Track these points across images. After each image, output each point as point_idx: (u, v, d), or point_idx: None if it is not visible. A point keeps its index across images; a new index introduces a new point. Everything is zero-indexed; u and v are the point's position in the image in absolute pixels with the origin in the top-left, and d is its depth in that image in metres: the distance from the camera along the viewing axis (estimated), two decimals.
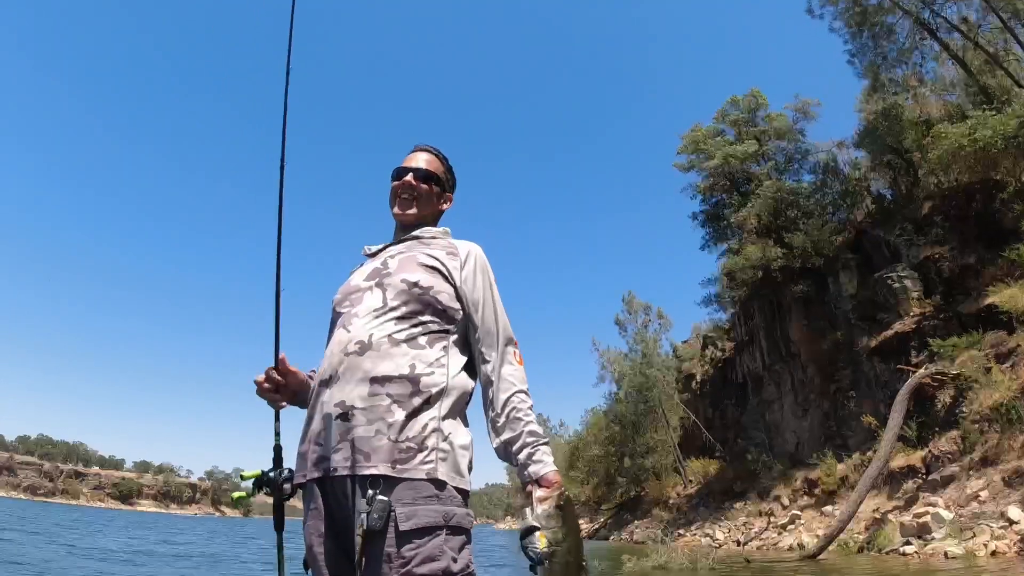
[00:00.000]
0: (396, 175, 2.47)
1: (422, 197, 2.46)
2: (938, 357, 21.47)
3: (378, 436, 1.91)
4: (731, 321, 40.43)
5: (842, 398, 27.77)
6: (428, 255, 2.27)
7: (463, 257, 2.32)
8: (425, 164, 2.49)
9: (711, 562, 16.57)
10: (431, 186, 2.48)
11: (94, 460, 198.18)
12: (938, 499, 17.85)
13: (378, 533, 1.80)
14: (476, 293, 2.28)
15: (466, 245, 2.39)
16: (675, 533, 31.49)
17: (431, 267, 2.23)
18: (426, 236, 2.43)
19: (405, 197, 2.44)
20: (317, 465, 1.98)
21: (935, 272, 24.70)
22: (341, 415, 1.97)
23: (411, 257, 2.27)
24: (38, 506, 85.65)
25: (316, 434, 2.01)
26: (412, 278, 2.17)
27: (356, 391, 1.96)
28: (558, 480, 2.02)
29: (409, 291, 2.15)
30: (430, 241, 2.40)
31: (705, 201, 37.72)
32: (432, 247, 2.34)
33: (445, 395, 2.03)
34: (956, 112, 26.80)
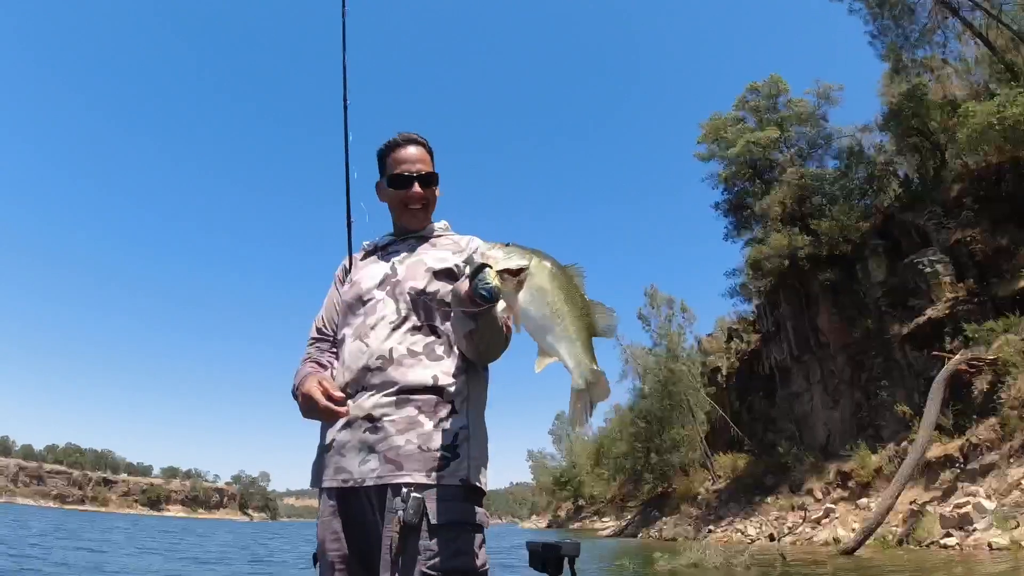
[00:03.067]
0: (398, 183, 2.39)
1: (429, 203, 2.45)
2: (973, 343, 21.08)
3: (409, 445, 2.00)
4: (756, 312, 39.91)
5: (874, 387, 27.23)
6: (436, 257, 2.32)
7: (465, 249, 2.39)
8: (423, 164, 2.42)
9: (746, 558, 16.15)
10: (433, 188, 2.45)
11: (122, 467, 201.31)
12: (978, 488, 17.52)
13: (413, 527, 1.88)
14: None
15: (467, 240, 2.45)
16: (705, 529, 31.12)
17: (441, 271, 2.27)
18: (429, 235, 2.45)
19: (416, 208, 2.41)
20: (339, 474, 2.06)
21: (967, 255, 24.16)
22: (369, 427, 2.04)
23: (419, 262, 2.31)
24: (71, 515, 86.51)
25: (341, 444, 2.08)
26: (420, 285, 2.23)
27: (382, 402, 2.05)
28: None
29: (420, 300, 2.22)
30: (435, 240, 2.44)
31: (727, 190, 37.18)
32: (438, 246, 2.40)
33: (469, 403, 2.13)
34: (982, 91, 26.27)
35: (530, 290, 1.74)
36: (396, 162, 2.39)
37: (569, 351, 1.73)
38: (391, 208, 2.47)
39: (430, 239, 2.44)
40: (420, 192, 2.38)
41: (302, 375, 2.21)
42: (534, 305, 1.74)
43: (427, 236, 2.44)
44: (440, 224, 2.51)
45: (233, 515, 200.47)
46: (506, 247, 1.79)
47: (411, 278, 2.24)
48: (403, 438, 2.00)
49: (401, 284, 2.24)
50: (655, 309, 50.24)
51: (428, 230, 2.46)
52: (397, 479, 1.96)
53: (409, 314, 2.20)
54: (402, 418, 2.02)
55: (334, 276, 2.56)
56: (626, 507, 55.80)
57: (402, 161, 2.38)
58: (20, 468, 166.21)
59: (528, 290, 1.74)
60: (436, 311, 2.23)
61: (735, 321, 46.20)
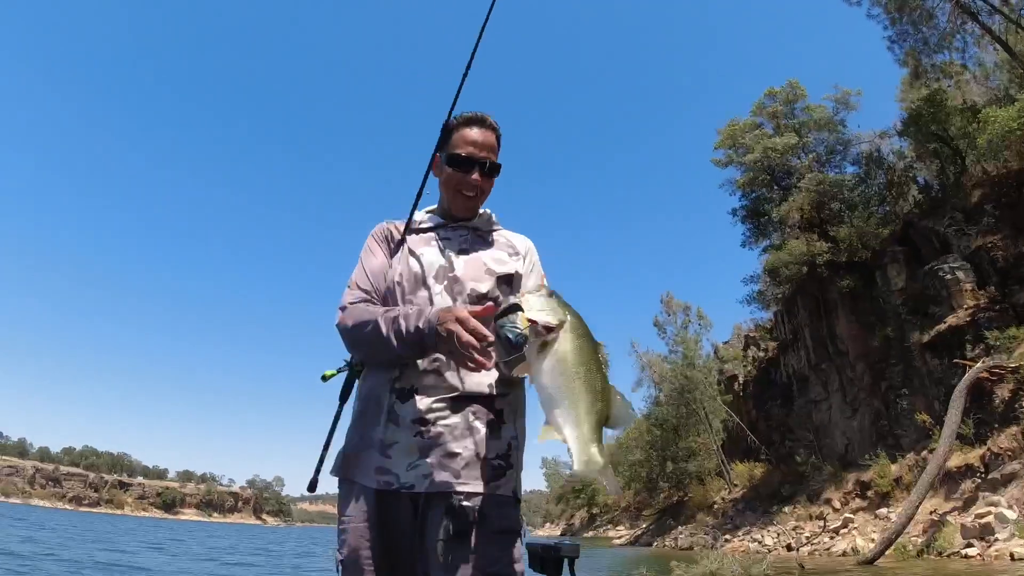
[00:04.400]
0: (459, 163, 2.23)
1: (484, 193, 2.30)
2: (995, 350, 20.91)
3: (466, 452, 1.95)
4: (774, 319, 39.73)
5: (893, 396, 26.97)
6: (495, 258, 2.24)
7: (523, 254, 2.33)
8: (490, 152, 2.25)
9: (765, 568, 15.96)
10: (492, 180, 2.30)
11: (138, 470, 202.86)
12: (1000, 498, 17.34)
13: (465, 535, 1.84)
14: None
15: (522, 242, 2.38)
16: (722, 538, 30.89)
17: (502, 276, 2.21)
18: (483, 227, 2.34)
19: (470, 196, 2.26)
20: (382, 475, 1.96)
21: (988, 262, 23.91)
22: (422, 430, 1.96)
23: (478, 261, 2.22)
24: (88, 517, 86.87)
25: (385, 443, 1.98)
26: (483, 289, 2.15)
27: (437, 406, 1.98)
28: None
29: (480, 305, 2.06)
30: (488, 235, 2.34)
31: (745, 196, 37.01)
32: (494, 244, 2.31)
33: (516, 412, 2.09)
34: (1002, 97, 26.10)
35: (552, 357, 1.65)
36: (463, 141, 2.23)
37: (573, 435, 1.62)
38: (442, 187, 2.31)
39: (483, 233, 2.32)
40: (479, 180, 2.23)
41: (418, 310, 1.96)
42: (551, 375, 1.64)
43: (480, 228, 2.32)
44: (486, 214, 2.37)
45: (247, 519, 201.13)
46: (548, 297, 1.70)
47: (473, 278, 2.15)
48: (460, 445, 1.95)
49: (461, 283, 2.14)
50: (671, 316, 50.06)
51: (479, 221, 2.33)
52: (454, 487, 1.91)
53: None
54: (458, 424, 1.97)
55: (375, 236, 2.33)
56: (641, 515, 55.53)
57: (470, 142, 2.22)
58: (36, 470, 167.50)
59: (550, 356, 1.65)
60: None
61: (752, 328, 45.99)
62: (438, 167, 2.30)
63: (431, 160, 2.32)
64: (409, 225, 2.30)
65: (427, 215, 2.36)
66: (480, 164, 2.21)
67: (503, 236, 2.36)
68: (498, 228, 2.38)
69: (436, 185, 2.36)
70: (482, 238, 2.31)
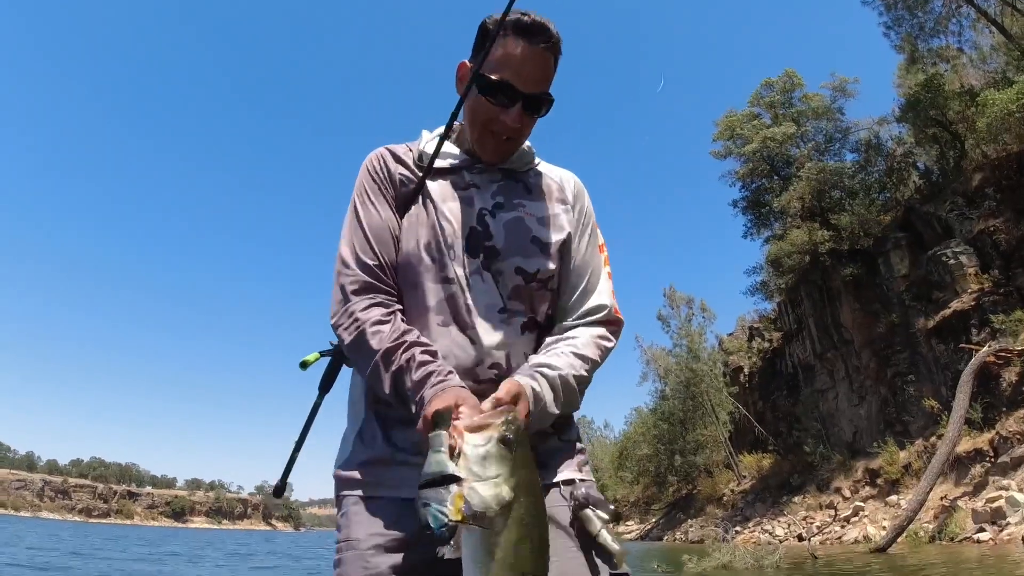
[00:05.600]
0: (495, 91, 1.60)
1: (522, 137, 1.71)
2: (1001, 334, 20.86)
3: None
4: (777, 310, 39.69)
5: (900, 383, 26.93)
6: (542, 217, 1.70)
7: (572, 201, 1.78)
8: (541, 83, 1.63)
9: (777, 559, 15.94)
10: (536, 118, 1.70)
11: (146, 480, 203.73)
12: (1010, 482, 17.33)
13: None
14: (585, 258, 1.75)
15: (570, 181, 1.83)
16: (732, 531, 30.88)
17: (549, 244, 1.67)
18: (520, 168, 1.76)
19: (507, 140, 1.67)
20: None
21: (991, 245, 23.86)
22: None
23: (519, 223, 1.67)
24: (99, 528, 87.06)
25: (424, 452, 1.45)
26: (531, 267, 1.63)
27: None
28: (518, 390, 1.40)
29: (528, 288, 1.63)
30: (529, 180, 1.76)
31: (745, 187, 37.14)
32: (535, 191, 1.74)
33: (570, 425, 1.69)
34: (999, 80, 26.04)
35: (487, 557, 1.12)
36: (506, 60, 1.59)
37: None
38: (467, 116, 1.69)
39: (521, 174, 1.76)
40: (518, 120, 1.62)
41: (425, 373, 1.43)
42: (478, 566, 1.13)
43: (517, 170, 1.76)
44: (526, 148, 1.78)
45: (257, 525, 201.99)
46: (498, 455, 1.15)
47: (515, 252, 1.63)
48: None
49: (503, 260, 1.61)
50: (674, 309, 50.15)
51: (516, 160, 1.75)
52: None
53: (517, 307, 1.62)
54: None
55: (373, 173, 1.71)
56: (650, 510, 55.45)
57: (515, 64, 1.59)
58: (45, 483, 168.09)
59: (484, 556, 1.12)
60: (544, 301, 1.67)
61: (756, 319, 45.95)
62: (466, 84, 1.67)
63: (459, 72, 1.73)
64: (432, 162, 1.69)
65: (445, 146, 1.74)
66: (525, 98, 1.61)
67: (545, 176, 1.80)
68: (537, 163, 1.82)
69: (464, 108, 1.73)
70: (521, 182, 1.75)
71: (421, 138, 1.77)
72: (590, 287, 1.71)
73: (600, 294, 1.71)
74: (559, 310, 1.71)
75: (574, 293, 1.69)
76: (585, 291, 1.71)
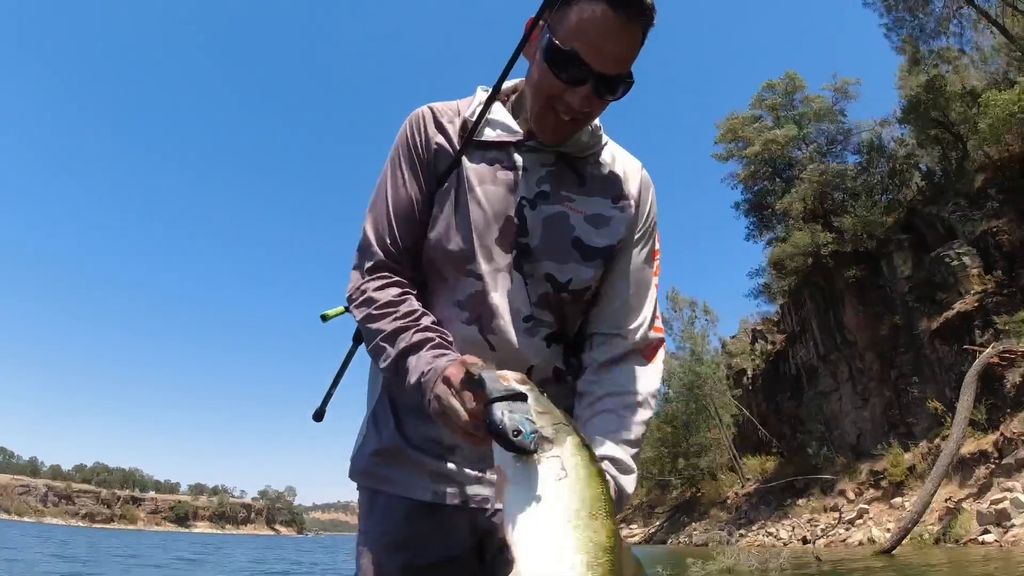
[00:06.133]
0: (565, 64, 1.33)
1: (591, 118, 1.46)
2: (1004, 335, 20.85)
3: None
4: (780, 312, 39.76)
5: (904, 384, 26.91)
6: (591, 216, 1.48)
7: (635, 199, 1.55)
8: (622, 63, 1.35)
9: (782, 562, 15.91)
10: (610, 101, 1.42)
11: (150, 485, 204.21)
12: (1015, 483, 17.32)
13: None
14: (637, 268, 1.55)
15: (636, 175, 1.58)
16: (737, 534, 30.82)
17: (594, 248, 1.47)
18: (578, 152, 1.52)
19: (568, 120, 1.41)
20: (442, 484, 1.43)
21: (994, 246, 23.84)
22: None
23: (563, 220, 1.46)
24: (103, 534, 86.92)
25: (444, 445, 1.44)
26: (563, 275, 1.45)
27: None
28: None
29: (557, 298, 1.47)
30: (585, 169, 1.52)
31: (747, 190, 37.10)
32: (591, 185, 1.51)
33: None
34: (1001, 80, 26.05)
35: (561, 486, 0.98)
36: (582, 28, 1.30)
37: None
38: (529, 86, 1.45)
39: (579, 162, 1.52)
40: (586, 103, 1.36)
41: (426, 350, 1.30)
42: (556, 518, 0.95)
43: (573, 154, 1.51)
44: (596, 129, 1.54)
45: (261, 530, 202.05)
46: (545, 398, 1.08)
47: (549, 253, 1.44)
48: None
49: (535, 257, 1.44)
50: (677, 312, 50.17)
51: (575, 144, 1.50)
52: None
53: (545, 316, 1.47)
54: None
55: (410, 139, 1.53)
56: (654, 513, 55.31)
57: (593, 34, 1.29)
58: (49, 488, 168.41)
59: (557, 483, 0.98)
60: (569, 312, 1.51)
61: (759, 322, 45.95)
62: (534, 57, 1.42)
63: (527, 32, 1.43)
64: (475, 131, 1.48)
65: (496, 113, 1.52)
66: (598, 79, 1.33)
67: (606, 165, 1.56)
68: (602, 147, 1.57)
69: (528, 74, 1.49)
70: (575, 170, 1.51)
71: (474, 98, 1.54)
72: (636, 304, 1.53)
73: (644, 312, 1.54)
74: (592, 317, 1.53)
75: (614, 308, 1.51)
76: (632, 308, 1.52)
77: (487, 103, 1.49)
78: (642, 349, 1.52)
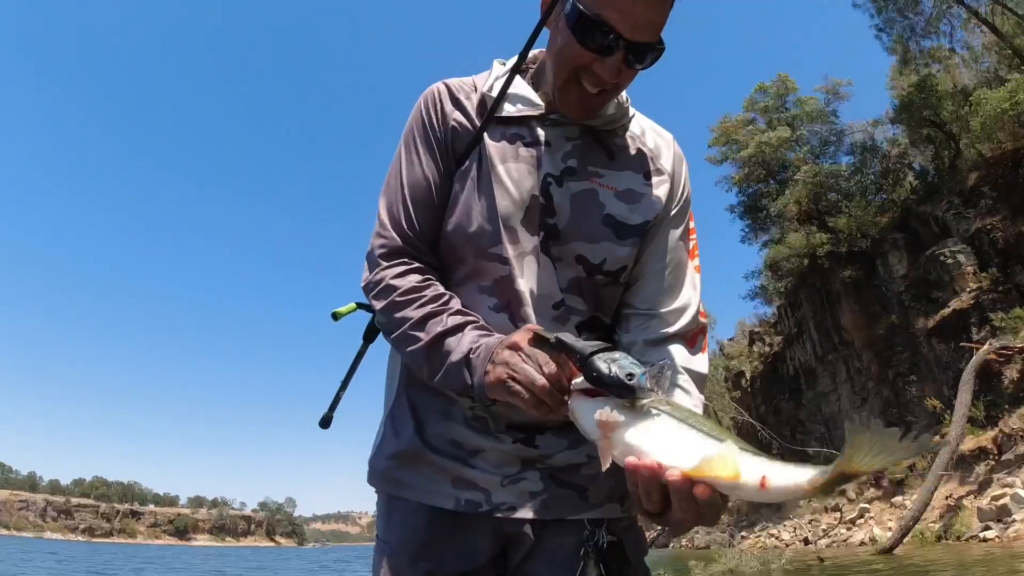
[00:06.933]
0: (592, 33, 1.24)
1: (619, 89, 1.37)
2: (1001, 332, 20.87)
3: (592, 462, 1.32)
4: (777, 314, 39.78)
5: (902, 383, 26.98)
6: (624, 192, 1.40)
7: (669, 172, 1.48)
8: (653, 27, 1.25)
9: (784, 563, 15.92)
10: (638, 71, 1.33)
11: (149, 498, 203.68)
12: (1014, 479, 17.32)
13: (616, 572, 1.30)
14: (673, 246, 1.46)
15: (668, 148, 1.51)
16: (738, 536, 30.79)
17: (628, 225, 1.39)
18: (605, 125, 1.43)
19: (595, 93, 1.32)
20: (465, 491, 1.35)
21: (988, 244, 23.92)
22: (522, 437, 1.35)
23: (591, 198, 1.38)
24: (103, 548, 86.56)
25: (468, 448, 1.37)
26: (596, 256, 1.37)
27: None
28: None
29: (591, 281, 1.39)
30: (614, 142, 1.45)
31: (741, 192, 37.12)
32: (621, 159, 1.43)
33: None
34: (992, 79, 26.16)
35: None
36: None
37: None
38: (551, 58, 1.36)
39: (606, 135, 1.44)
40: (616, 73, 1.27)
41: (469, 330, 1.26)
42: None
43: (599, 128, 1.42)
44: (622, 101, 1.46)
45: (261, 542, 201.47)
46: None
47: (579, 233, 1.36)
48: (581, 453, 1.34)
49: (564, 239, 1.36)
50: None
51: (604, 117, 1.42)
52: (583, 513, 1.35)
53: (576, 304, 1.38)
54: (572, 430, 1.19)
55: (427, 116, 1.45)
56: None
57: (627, 10, 1.20)
58: (48, 503, 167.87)
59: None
60: (606, 295, 1.43)
61: (756, 324, 45.98)
62: (556, 25, 1.34)
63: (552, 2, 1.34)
64: (496, 106, 1.41)
65: (517, 86, 1.44)
66: (629, 47, 1.24)
67: (637, 137, 1.48)
68: (630, 119, 1.49)
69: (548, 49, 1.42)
70: (603, 144, 1.43)
71: (491, 73, 1.47)
72: (674, 283, 1.44)
73: (686, 294, 1.45)
74: (627, 298, 1.44)
75: (652, 287, 1.42)
76: (669, 288, 1.43)
77: (511, 74, 1.42)
78: (685, 335, 1.42)
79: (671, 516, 0.98)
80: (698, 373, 1.39)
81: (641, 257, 1.42)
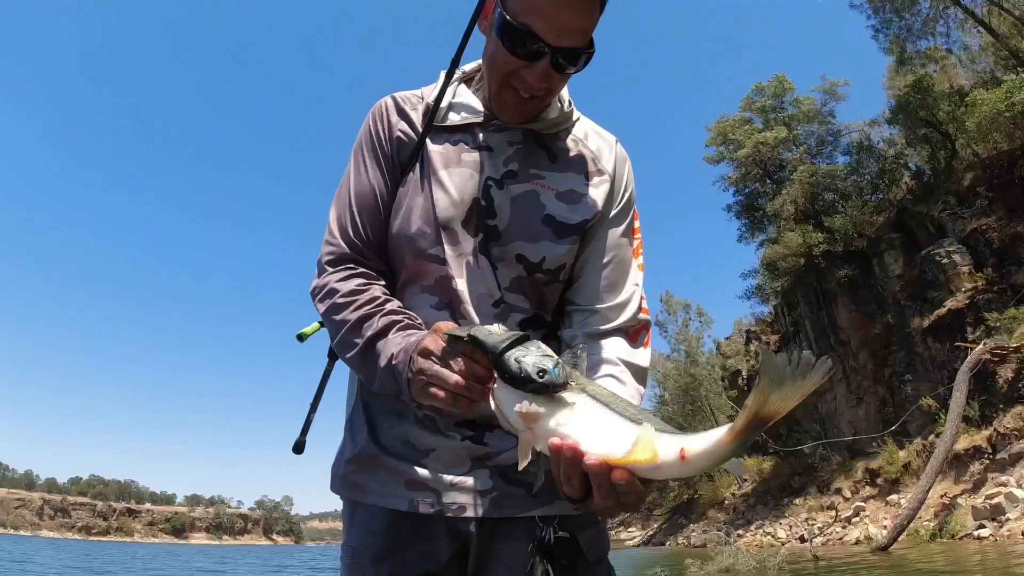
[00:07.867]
0: (518, 40, 1.28)
1: (552, 93, 1.42)
2: (995, 332, 20.92)
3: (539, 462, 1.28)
4: (774, 313, 39.81)
5: (898, 382, 27.03)
6: (563, 192, 1.45)
7: (611, 172, 1.51)
8: (578, 35, 1.29)
9: (779, 561, 16.01)
10: (571, 74, 1.38)
11: (146, 497, 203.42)
12: (1008, 478, 17.41)
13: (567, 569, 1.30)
14: (614, 244, 1.49)
15: (609, 148, 1.55)
16: (735, 534, 30.91)
17: (568, 225, 1.43)
18: (547, 129, 1.48)
19: (528, 99, 1.38)
20: (418, 492, 1.38)
21: (984, 244, 23.97)
22: (471, 435, 1.39)
23: (531, 199, 1.43)
24: (100, 546, 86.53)
25: (418, 449, 1.40)
26: (535, 255, 1.41)
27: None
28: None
29: (532, 280, 1.43)
30: (556, 144, 1.49)
31: (738, 192, 37.14)
32: (563, 160, 1.48)
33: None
34: (988, 79, 26.26)
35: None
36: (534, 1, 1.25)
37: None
38: (486, 64, 1.43)
39: (547, 138, 1.49)
40: (544, 79, 1.32)
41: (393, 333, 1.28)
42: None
43: (541, 131, 1.47)
44: (565, 105, 1.51)
45: (258, 540, 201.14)
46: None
47: (520, 233, 1.41)
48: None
49: (504, 239, 1.41)
50: (671, 315, 50.27)
51: (543, 120, 1.47)
52: (533, 510, 1.36)
53: (515, 301, 1.43)
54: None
55: (373, 129, 1.51)
56: (652, 515, 55.30)
57: (545, 7, 1.24)
58: (45, 502, 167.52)
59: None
60: (548, 299, 1.47)
61: (753, 323, 46.03)
62: (488, 33, 1.39)
63: (479, 6, 1.40)
64: (435, 114, 1.46)
65: (461, 95, 1.51)
66: (555, 53, 1.28)
67: (578, 140, 1.52)
68: (574, 122, 1.54)
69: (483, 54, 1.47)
70: (545, 146, 1.48)
71: (437, 83, 1.52)
72: (616, 280, 1.47)
73: (627, 291, 1.48)
74: (570, 295, 1.49)
75: (593, 284, 1.46)
76: (610, 285, 1.46)
77: (444, 85, 1.48)
78: (626, 330, 1.46)
79: (593, 503, 1.01)
80: (637, 366, 1.41)
81: (582, 255, 1.47)
